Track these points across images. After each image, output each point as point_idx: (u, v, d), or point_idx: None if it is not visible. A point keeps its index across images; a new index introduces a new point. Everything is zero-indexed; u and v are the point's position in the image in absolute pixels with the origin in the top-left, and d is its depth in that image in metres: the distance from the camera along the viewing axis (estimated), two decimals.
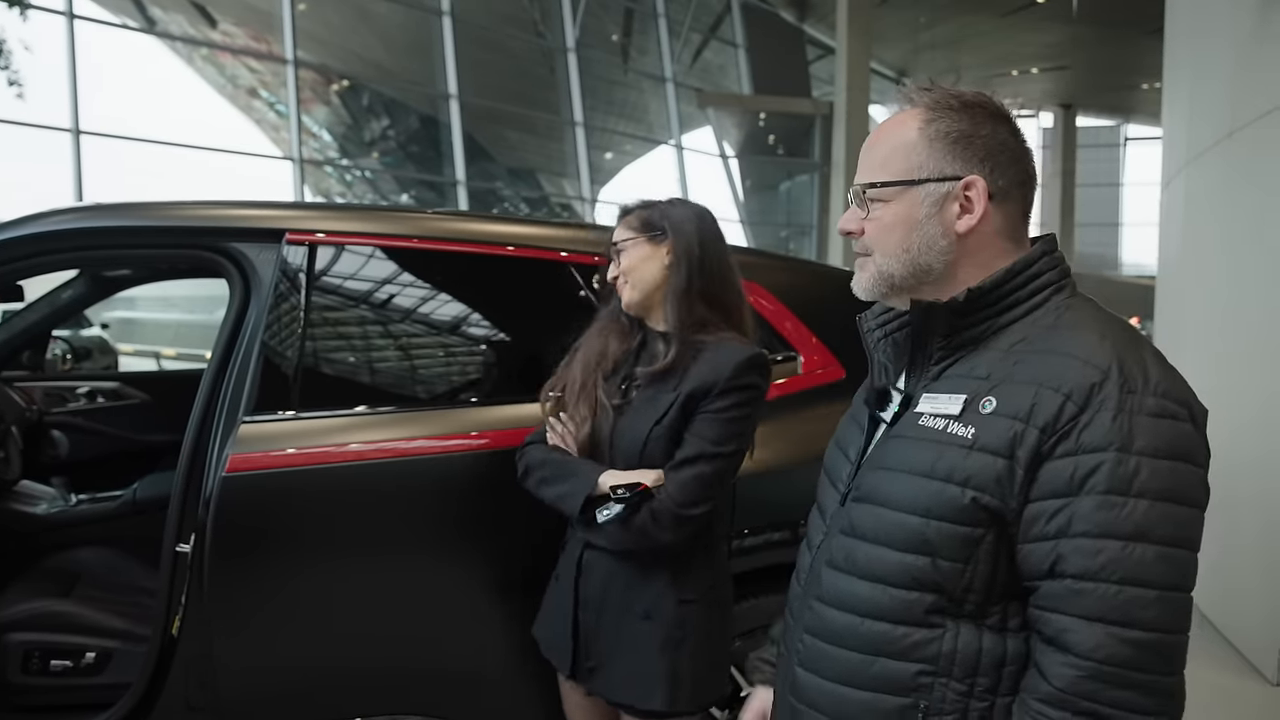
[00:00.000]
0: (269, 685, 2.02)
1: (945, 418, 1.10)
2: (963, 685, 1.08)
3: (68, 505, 3.04)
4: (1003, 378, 1.08)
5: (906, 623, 1.09)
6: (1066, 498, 1.01)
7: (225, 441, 1.97)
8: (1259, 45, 3.88)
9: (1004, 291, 1.13)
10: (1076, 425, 1.01)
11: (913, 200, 1.15)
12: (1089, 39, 20.93)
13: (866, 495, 1.17)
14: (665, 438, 1.80)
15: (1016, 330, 1.12)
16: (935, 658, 1.08)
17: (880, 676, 1.11)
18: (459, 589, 2.12)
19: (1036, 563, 1.03)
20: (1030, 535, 1.03)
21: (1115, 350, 1.05)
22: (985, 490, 1.05)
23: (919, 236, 1.15)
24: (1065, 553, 1.00)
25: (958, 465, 1.06)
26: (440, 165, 16.73)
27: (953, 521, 1.06)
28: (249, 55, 15.89)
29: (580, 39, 18.04)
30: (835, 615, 1.16)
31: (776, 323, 2.45)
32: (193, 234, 2.17)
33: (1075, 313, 1.12)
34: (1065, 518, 1.01)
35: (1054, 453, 1.02)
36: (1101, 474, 0.99)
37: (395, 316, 2.27)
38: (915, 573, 1.09)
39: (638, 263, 1.90)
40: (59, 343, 5.32)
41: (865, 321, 1.31)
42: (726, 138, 21.21)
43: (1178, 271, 5.13)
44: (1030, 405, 1.04)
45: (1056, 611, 1.01)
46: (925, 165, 1.15)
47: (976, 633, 1.08)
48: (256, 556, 1.97)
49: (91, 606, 2.45)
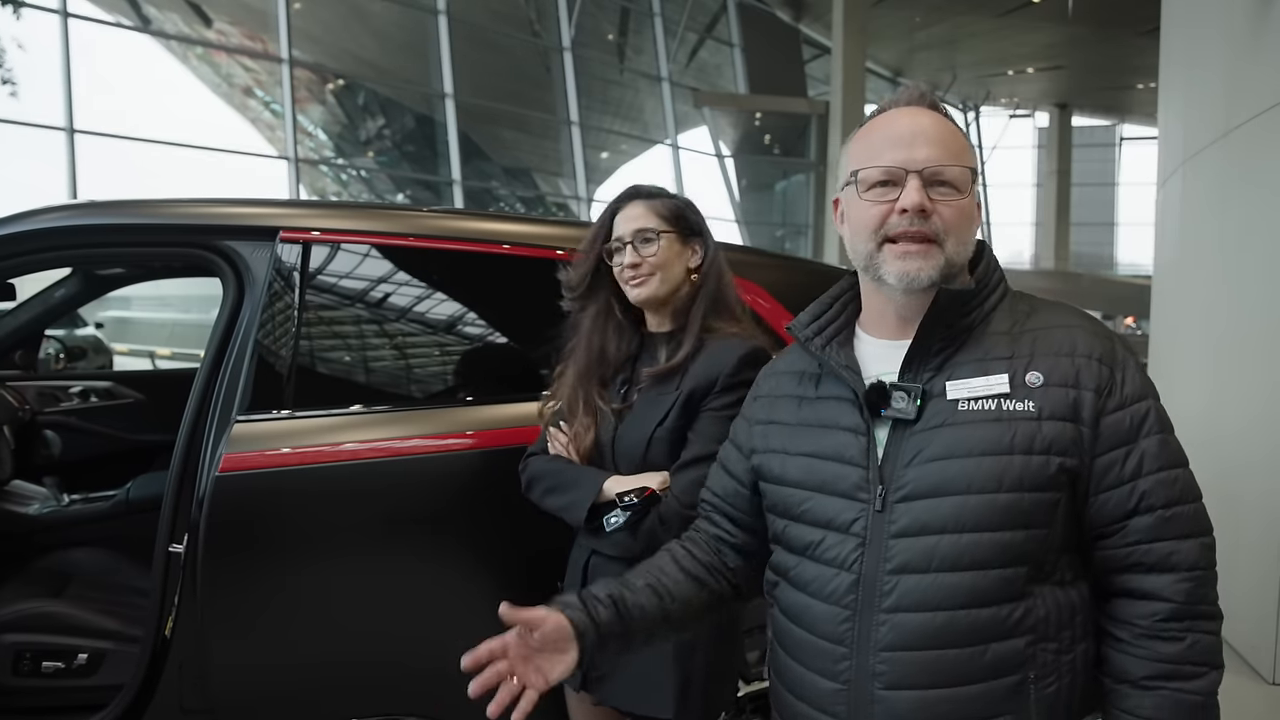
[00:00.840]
0: (263, 686, 2.01)
1: (994, 397, 1.17)
2: (1055, 643, 1.15)
3: (60, 505, 3.03)
4: (1030, 354, 1.18)
5: (1011, 599, 1.13)
6: (1131, 443, 1.15)
7: (219, 441, 1.96)
8: (1254, 45, 3.88)
9: (990, 280, 1.25)
10: (1114, 382, 1.16)
11: (973, 197, 1.24)
12: (1084, 39, 20.97)
13: (928, 490, 1.16)
14: (668, 439, 1.78)
15: (1001, 317, 1.23)
16: (1036, 625, 1.14)
17: (995, 662, 1.13)
18: (455, 588, 2.10)
19: (1118, 504, 1.15)
20: (1105, 484, 1.15)
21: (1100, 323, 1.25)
22: (1066, 453, 1.14)
23: (974, 229, 1.24)
24: (1147, 489, 1.14)
25: (1035, 436, 1.14)
26: (436, 164, 16.71)
27: (1041, 489, 1.13)
28: (244, 54, 15.85)
29: (576, 38, 18.02)
30: (928, 618, 1.14)
31: (773, 322, 2.44)
32: (186, 232, 2.15)
33: (1038, 299, 1.28)
34: (1136, 459, 1.15)
35: (1107, 407, 1.15)
36: (1152, 417, 1.16)
37: (390, 315, 2.26)
38: (1015, 548, 1.13)
39: (672, 258, 1.83)
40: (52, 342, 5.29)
41: (799, 331, 1.33)
42: (722, 137, 21.21)
43: (1174, 271, 5.13)
44: (1075, 372, 1.16)
45: (1156, 540, 1.14)
46: (977, 167, 1.25)
47: (1054, 591, 1.16)
48: (250, 557, 1.95)
49: (84, 607, 2.43)
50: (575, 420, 1.86)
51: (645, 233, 1.82)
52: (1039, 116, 29.92)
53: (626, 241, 1.82)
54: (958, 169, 1.20)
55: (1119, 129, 33.41)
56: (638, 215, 1.84)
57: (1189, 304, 4.73)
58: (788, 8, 21.64)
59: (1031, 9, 19.44)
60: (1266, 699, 3.46)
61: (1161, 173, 5.48)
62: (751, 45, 21.05)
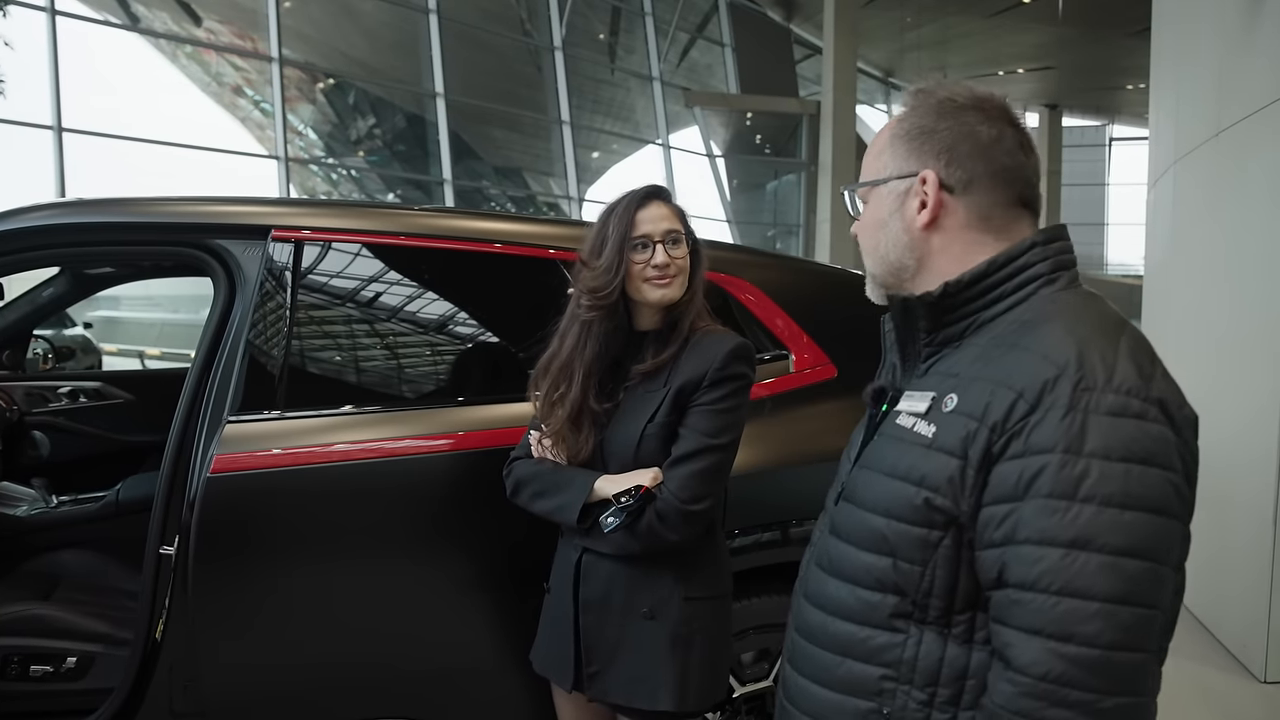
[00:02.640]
0: (255, 688, 1.99)
1: (914, 416, 1.09)
2: (923, 694, 1.05)
3: (49, 507, 3.00)
4: (970, 375, 1.05)
5: (870, 624, 1.09)
6: (1013, 502, 0.96)
7: (210, 442, 1.94)
8: (1245, 44, 3.89)
9: (985, 286, 1.09)
10: (1027, 425, 0.96)
11: (879, 200, 1.17)
12: (1074, 40, 21.03)
13: (849, 495, 1.17)
14: (659, 435, 1.77)
15: (999, 326, 1.08)
16: (897, 663, 1.06)
17: (847, 678, 1.11)
18: (448, 589, 2.09)
19: (986, 570, 0.99)
20: (981, 541, 1.00)
21: (1078, 344, 0.99)
22: (938, 490, 1.02)
23: (885, 235, 1.17)
24: (1009, 561, 0.96)
25: (915, 464, 1.05)
26: (427, 164, 16.67)
27: (909, 522, 1.04)
28: (234, 53, 15.78)
29: (567, 38, 18.00)
30: (813, 613, 1.18)
31: (767, 320, 2.43)
32: (177, 230, 2.13)
33: (1056, 307, 1.06)
34: (1011, 524, 0.96)
35: (1004, 454, 0.97)
36: (1045, 477, 0.94)
37: (382, 314, 2.24)
38: (877, 573, 1.08)
39: (689, 264, 1.85)
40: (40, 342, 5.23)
41: (887, 321, 1.29)
42: (713, 137, 21.21)
43: (1165, 271, 5.15)
44: (985, 403, 1.00)
45: (1002, 624, 0.97)
46: (888, 165, 1.16)
47: (940, 641, 1.05)
48: (242, 558, 1.94)
49: (73, 610, 2.41)
50: (580, 434, 1.82)
51: (675, 233, 1.82)
52: (1029, 117, 30.01)
53: (656, 240, 1.80)
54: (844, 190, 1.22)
55: (1109, 129, 33.56)
56: (665, 215, 1.83)
57: (1180, 304, 4.74)
58: (779, 8, 21.67)
59: (1022, 10, 19.49)
60: (1259, 697, 3.47)
61: (1152, 173, 5.49)
62: (743, 45, 21.06)
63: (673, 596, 1.77)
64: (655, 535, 1.71)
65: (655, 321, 1.86)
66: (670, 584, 1.77)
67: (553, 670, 1.89)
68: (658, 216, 1.81)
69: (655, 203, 1.84)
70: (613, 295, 1.79)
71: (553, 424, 1.84)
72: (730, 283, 2.41)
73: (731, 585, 1.92)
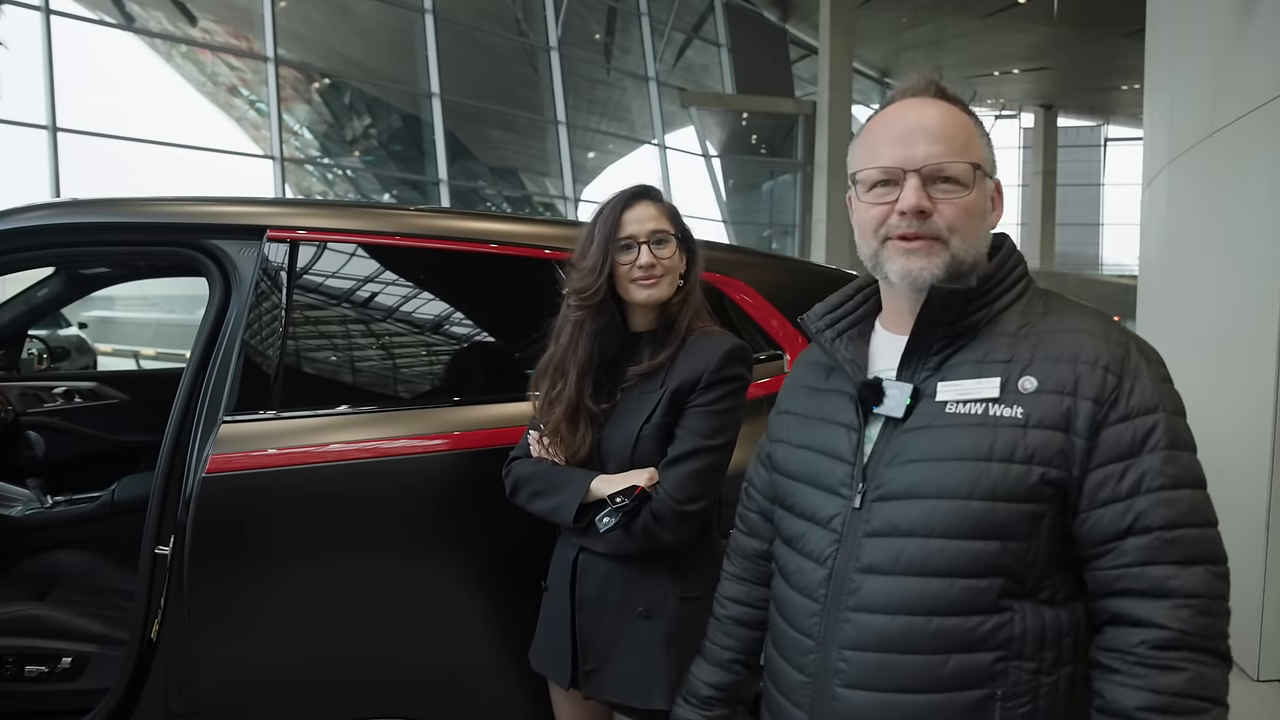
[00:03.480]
0: (251, 689, 1.99)
1: (983, 401, 1.13)
2: (1033, 663, 1.10)
3: (44, 507, 3.00)
4: (1029, 358, 1.13)
5: (979, 611, 1.10)
6: (1131, 458, 1.08)
7: (205, 442, 1.94)
8: (1240, 45, 3.90)
9: (1000, 277, 1.19)
10: (1121, 392, 1.09)
11: (983, 190, 1.19)
12: (1069, 40, 21.07)
13: (903, 491, 1.14)
14: (655, 436, 1.77)
15: (1011, 318, 1.18)
16: (1009, 641, 1.09)
17: (956, 673, 1.10)
18: (445, 589, 2.09)
19: (1111, 524, 1.08)
20: (1099, 500, 1.08)
21: (1120, 328, 1.15)
22: (1051, 464, 1.08)
23: (984, 227, 1.21)
24: (1145, 508, 1.06)
25: (1018, 444, 1.09)
26: (422, 164, 16.66)
27: (1020, 500, 1.09)
28: (229, 53, 15.76)
29: (563, 37, 18.00)
30: (888, 621, 1.13)
31: (762, 320, 2.43)
32: (172, 231, 2.13)
33: (1060, 300, 1.21)
34: (1135, 475, 1.07)
35: (1108, 419, 1.08)
36: (1160, 432, 1.08)
37: (378, 315, 2.24)
38: (986, 559, 1.09)
39: (677, 261, 1.84)
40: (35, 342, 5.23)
41: (810, 323, 1.33)
42: (709, 137, 21.22)
43: (1160, 271, 5.16)
44: (1074, 379, 1.10)
45: (1150, 564, 1.06)
46: (987, 160, 1.20)
47: (1038, 609, 1.11)
48: (237, 558, 1.94)
49: (68, 610, 2.41)
50: (577, 432, 1.82)
51: (660, 234, 1.81)
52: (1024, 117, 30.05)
53: (641, 241, 1.80)
54: (960, 165, 1.16)
55: (1104, 130, 33.62)
56: (651, 215, 1.83)
57: (1175, 304, 4.75)
58: (775, 8, 21.68)
59: (1017, 10, 19.53)
60: (1253, 696, 3.48)
61: (1147, 173, 5.50)
62: (738, 45, 21.07)
63: (668, 596, 1.77)
64: (651, 535, 1.72)
65: (651, 322, 1.86)
66: (666, 583, 1.78)
67: (550, 668, 1.89)
68: (644, 217, 1.81)
69: (642, 203, 1.83)
70: (597, 296, 1.79)
71: (550, 423, 1.84)
72: (725, 283, 2.41)
73: None
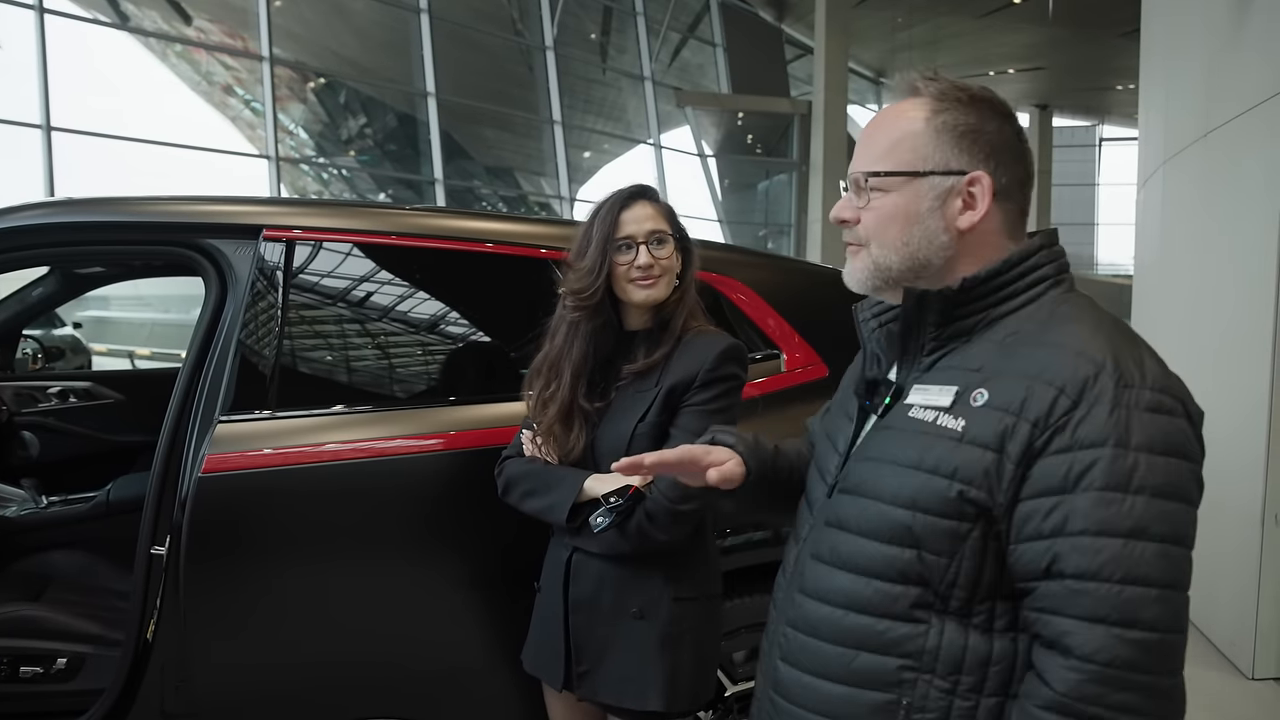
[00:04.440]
0: (247, 689, 1.99)
1: (935, 409, 1.08)
2: (946, 683, 1.06)
3: (39, 507, 2.99)
4: (995, 370, 1.06)
5: (889, 616, 1.08)
6: (1061, 495, 0.98)
7: (201, 442, 1.93)
8: (1235, 45, 3.91)
9: (1000, 283, 1.11)
10: (1071, 420, 0.99)
11: (915, 193, 1.12)
12: (1064, 40, 21.08)
13: (853, 487, 1.15)
14: (649, 435, 1.77)
15: (1010, 323, 1.10)
16: (919, 653, 1.06)
17: (861, 671, 1.09)
18: (441, 589, 2.09)
19: (1031, 562, 1.00)
20: (1024, 534, 1.01)
21: (1110, 343, 1.03)
22: (972, 483, 1.02)
23: (920, 230, 1.13)
24: (1063, 551, 0.97)
25: (945, 457, 1.04)
26: (418, 164, 16.63)
27: (938, 514, 1.04)
28: (224, 52, 15.72)
29: (559, 37, 17.97)
30: (817, 607, 1.15)
31: (759, 320, 2.44)
32: (167, 230, 2.13)
33: (1071, 307, 1.10)
34: (1061, 515, 0.98)
35: (1048, 448, 0.99)
36: (1099, 469, 0.97)
37: (374, 314, 2.24)
38: (900, 565, 1.07)
39: (674, 261, 1.84)
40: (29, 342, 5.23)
41: (861, 311, 1.29)
42: (705, 137, 21.20)
43: (1155, 270, 5.17)
44: (1022, 398, 1.01)
45: (1056, 613, 0.98)
46: (931, 157, 1.12)
47: (962, 630, 1.06)
48: (233, 558, 1.93)
49: (63, 611, 2.40)
50: (571, 432, 1.82)
51: (659, 233, 1.81)
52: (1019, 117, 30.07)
53: (640, 241, 1.79)
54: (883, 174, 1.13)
55: (1099, 130, 33.66)
56: (649, 215, 1.82)
57: (1170, 304, 4.76)
58: (770, 8, 21.66)
59: (1012, 10, 19.53)
60: (1247, 694, 3.49)
61: (1142, 173, 5.52)
62: (734, 45, 21.05)
63: (662, 596, 1.77)
64: (645, 535, 1.71)
65: (646, 321, 1.86)
66: (660, 584, 1.78)
67: (543, 669, 1.89)
68: (642, 217, 1.81)
69: (640, 203, 1.83)
70: (595, 296, 1.79)
71: (544, 423, 1.84)
72: (722, 282, 2.41)
73: (721, 585, 1.92)
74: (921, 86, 1.15)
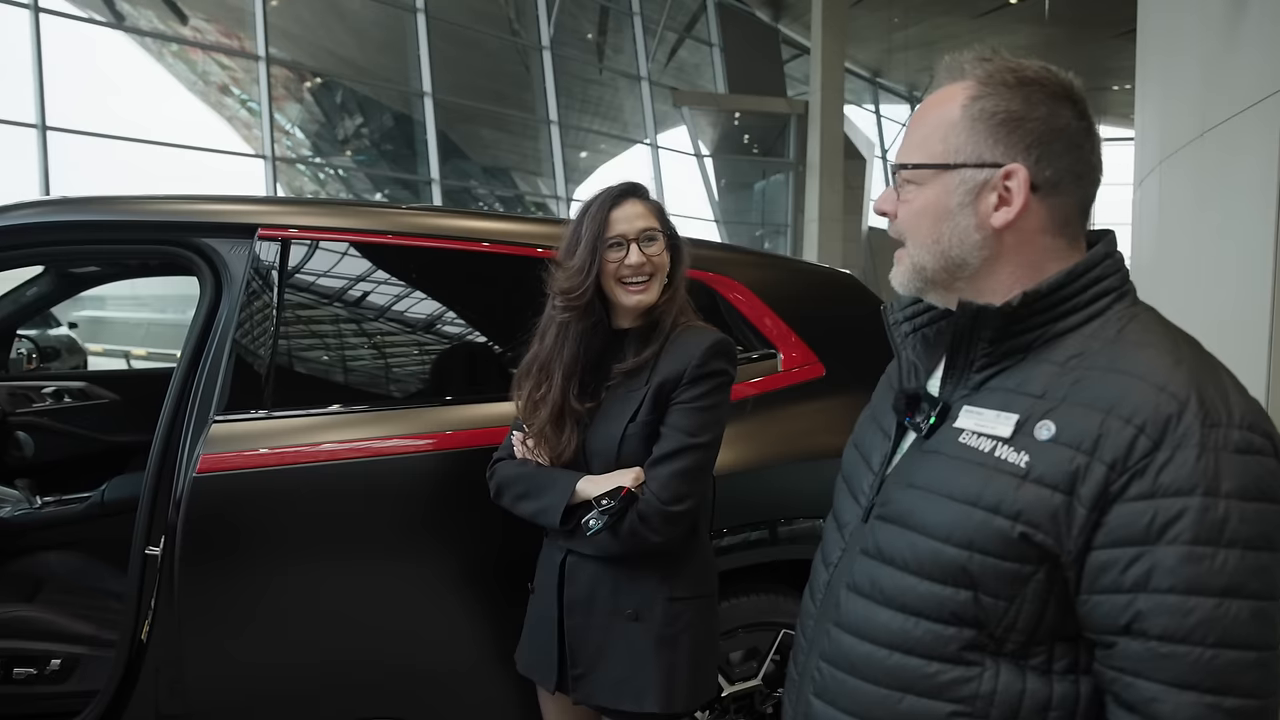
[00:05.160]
0: (242, 690, 1.98)
1: (993, 439, 0.99)
2: None
3: (33, 508, 2.98)
4: (1060, 398, 0.96)
5: (940, 659, 0.99)
6: (1144, 545, 0.89)
7: (196, 441, 1.93)
8: (1230, 45, 3.91)
9: (1062, 296, 1.00)
10: (1153, 463, 0.89)
11: (945, 187, 1.04)
12: (1061, 41, 21.10)
13: (896, 516, 1.06)
14: (640, 434, 1.76)
15: (1073, 341, 1.00)
16: (972, 698, 0.98)
17: (908, 714, 1.01)
18: (437, 589, 2.08)
19: (1108, 616, 0.92)
20: (1100, 585, 0.92)
21: (1193, 375, 0.93)
22: (1039, 527, 0.93)
23: (950, 228, 1.04)
24: (1146, 609, 0.89)
25: (1007, 495, 0.95)
26: (414, 163, 16.61)
27: (999, 556, 0.95)
28: (220, 51, 15.69)
29: (555, 37, 17.96)
30: (856, 644, 1.06)
31: (755, 319, 2.43)
32: (162, 229, 2.12)
33: (1141, 326, 1.00)
34: (1144, 569, 0.89)
35: (1125, 493, 0.90)
36: (1187, 521, 0.87)
37: (370, 313, 2.24)
38: (954, 607, 0.98)
39: (665, 260, 1.82)
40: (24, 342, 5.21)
41: (892, 313, 1.20)
42: (701, 137, 21.19)
43: (1151, 270, 5.18)
44: (1096, 435, 0.92)
45: (1140, 676, 0.90)
46: (963, 149, 1.03)
47: (1019, 673, 0.97)
48: (229, 559, 1.93)
49: (57, 612, 2.39)
50: (563, 434, 1.80)
51: (650, 231, 1.79)
52: None
53: (631, 240, 1.77)
54: (910, 167, 1.06)
55: None
56: (640, 213, 1.80)
57: (1165, 304, 4.74)
58: (767, 8, 21.67)
59: (1008, 11, 19.57)
60: None
61: (1138, 172, 5.53)
62: (731, 45, 21.05)
63: (658, 597, 1.76)
64: (638, 537, 1.70)
65: (636, 319, 1.84)
66: (655, 585, 1.77)
67: (537, 672, 1.88)
68: (633, 215, 1.79)
69: (630, 200, 1.81)
70: (585, 296, 1.77)
71: (535, 425, 1.82)
72: (718, 282, 2.41)
73: (716, 585, 1.92)
74: (969, 68, 1.05)
